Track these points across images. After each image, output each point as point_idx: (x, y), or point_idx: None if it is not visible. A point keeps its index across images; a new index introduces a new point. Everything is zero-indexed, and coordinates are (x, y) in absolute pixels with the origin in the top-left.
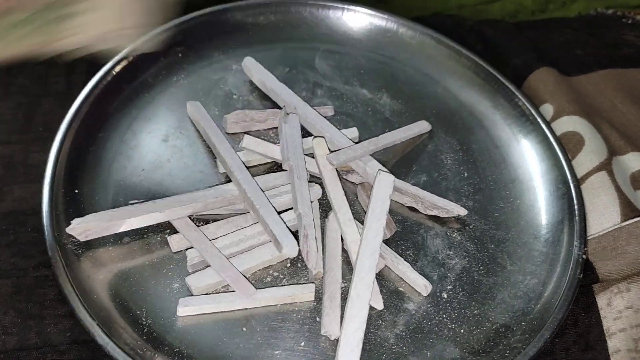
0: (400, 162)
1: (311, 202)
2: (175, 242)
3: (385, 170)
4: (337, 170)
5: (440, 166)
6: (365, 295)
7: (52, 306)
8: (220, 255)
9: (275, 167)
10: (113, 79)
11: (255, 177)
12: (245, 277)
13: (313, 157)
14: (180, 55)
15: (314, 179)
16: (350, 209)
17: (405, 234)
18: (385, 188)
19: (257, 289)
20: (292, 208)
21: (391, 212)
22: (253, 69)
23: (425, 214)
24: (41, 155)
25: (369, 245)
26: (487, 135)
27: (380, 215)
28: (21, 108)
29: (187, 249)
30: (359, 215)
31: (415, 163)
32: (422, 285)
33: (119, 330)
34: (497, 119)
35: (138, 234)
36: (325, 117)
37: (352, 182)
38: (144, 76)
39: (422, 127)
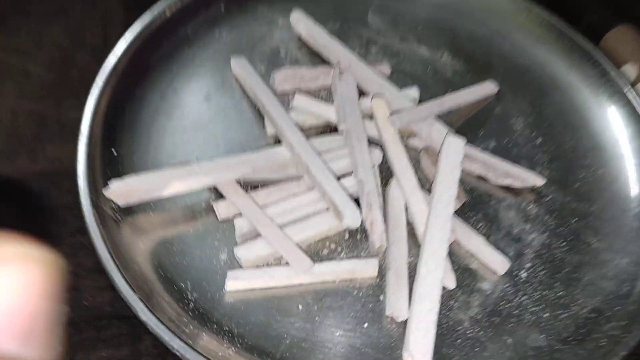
0: (465, 127)
1: (372, 167)
2: (222, 209)
3: (453, 133)
4: (399, 133)
5: (510, 131)
6: (437, 272)
7: (89, 277)
8: (272, 224)
9: (330, 129)
10: (152, 33)
11: (309, 140)
12: (302, 250)
13: (370, 120)
14: (222, 8)
15: (373, 143)
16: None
17: (474, 205)
18: (455, 153)
19: (313, 261)
20: (350, 174)
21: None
22: (302, 23)
23: (496, 184)
24: (76, 113)
25: (439, 217)
26: (562, 98)
27: (450, 184)
28: (54, 62)
29: (235, 217)
30: (423, 184)
31: (482, 128)
32: (498, 262)
33: (163, 305)
34: (572, 80)
35: (181, 199)
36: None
37: (414, 148)
38: (185, 31)
39: (488, 88)
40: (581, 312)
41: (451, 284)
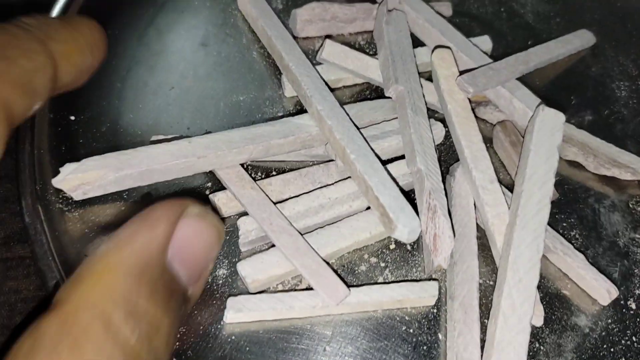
0: (552, 92)
1: (436, 151)
2: (222, 204)
3: (545, 104)
4: (469, 102)
5: (612, 100)
6: (525, 308)
7: (30, 300)
8: (290, 229)
9: (371, 92)
10: None
11: (343, 107)
12: (333, 270)
13: (428, 80)
14: None
15: (430, 112)
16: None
17: (566, 205)
18: (552, 133)
19: (348, 285)
20: (401, 157)
21: None
22: None
23: (596, 174)
24: None
25: (527, 227)
26: None
27: (544, 177)
28: None
29: (239, 216)
30: (495, 173)
31: (575, 94)
32: (603, 291)
33: None
34: None
35: (164, 187)
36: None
37: (484, 120)
38: None
39: (583, 39)
40: None
41: (538, 320)
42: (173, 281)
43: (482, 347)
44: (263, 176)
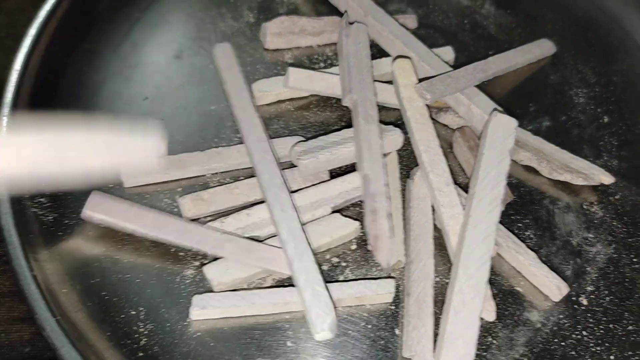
0: (512, 99)
1: (385, 155)
2: (189, 206)
3: (500, 109)
4: (428, 108)
5: (570, 106)
6: (475, 303)
7: (3, 304)
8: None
9: (334, 102)
10: None
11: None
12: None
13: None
14: None
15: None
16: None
17: (522, 207)
18: (504, 138)
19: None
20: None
21: None
22: None
23: (551, 178)
24: (0, 72)
25: (479, 226)
26: (635, 64)
27: (496, 180)
28: None
29: (207, 219)
30: (455, 177)
31: (534, 101)
32: (553, 287)
33: (101, 346)
34: None
35: (133, 190)
36: None
37: (445, 126)
38: None
39: (543, 48)
40: None
41: (490, 315)
42: None
43: (436, 341)
44: (232, 180)
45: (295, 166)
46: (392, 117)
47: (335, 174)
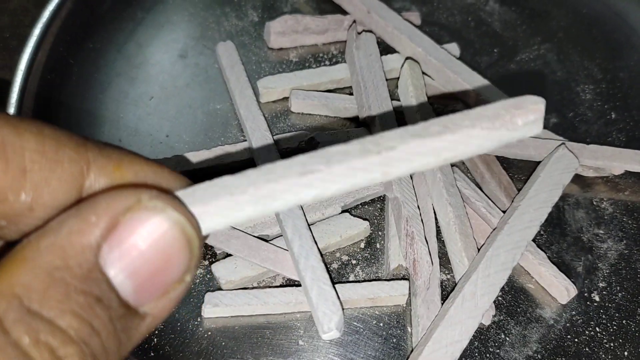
0: (517, 95)
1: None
2: None
3: (561, 139)
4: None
5: (576, 103)
6: (484, 299)
7: None
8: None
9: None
10: None
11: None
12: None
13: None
14: None
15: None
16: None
17: None
18: (563, 171)
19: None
20: None
21: (509, 165)
22: None
23: None
24: (4, 73)
25: (513, 236)
26: None
27: (543, 203)
28: None
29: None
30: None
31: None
32: (562, 289)
33: None
34: None
35: None
36: None
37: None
38: None
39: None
40: None
41: (486, 319)
42: (105, 289)
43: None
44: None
45: None
46: None
47: None
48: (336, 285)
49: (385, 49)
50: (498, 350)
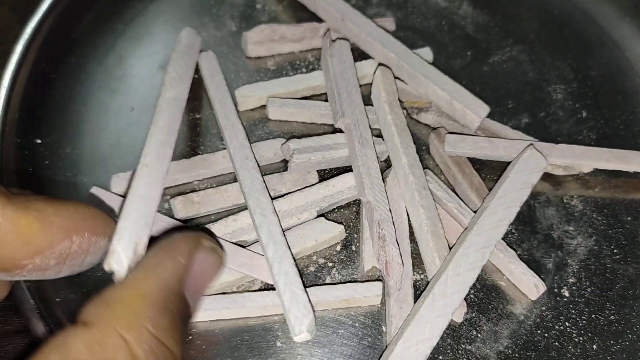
0: (491, 97)
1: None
2: (180, 208)
3: (531, 139)
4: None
5: (548, 103)
6: (454, 297)
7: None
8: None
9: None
10: None
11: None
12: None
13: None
14: None
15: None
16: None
17: None
18: (531, 171)
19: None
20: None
21: (481, 166)
22: None
23: None
24: None
25: (482, 235)
26: (612, 58)
27: (512, 202)
28: None
29: (196, 218)
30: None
31: (513, 98)
32: (531, 286)
33: None
34: (624, 35)
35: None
36: None
37: (427, 125)
38: None
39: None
40: None
41: (458, 317)
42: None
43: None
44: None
45: (284, 170)
46: None
47: (320, 177)
48: (312, 288)
49: (361, 54)
50: (470, 347)
